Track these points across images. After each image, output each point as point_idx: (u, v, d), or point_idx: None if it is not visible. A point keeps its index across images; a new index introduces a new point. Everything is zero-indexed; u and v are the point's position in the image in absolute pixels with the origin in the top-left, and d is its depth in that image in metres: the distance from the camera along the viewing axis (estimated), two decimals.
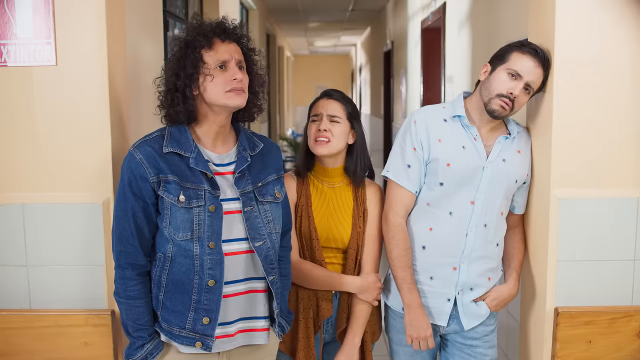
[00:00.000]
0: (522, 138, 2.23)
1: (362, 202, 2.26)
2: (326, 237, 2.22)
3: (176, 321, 1.83)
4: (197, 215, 1.80)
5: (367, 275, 2.22)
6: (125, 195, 1.80)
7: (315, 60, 20.73)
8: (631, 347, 2.15)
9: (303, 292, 2.21)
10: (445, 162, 2.13)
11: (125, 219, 1.80)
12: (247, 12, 8.01)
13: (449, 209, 2.15)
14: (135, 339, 1.84)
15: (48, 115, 2.08)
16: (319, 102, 2.26)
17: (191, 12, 4.69)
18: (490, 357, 2.26)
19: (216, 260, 1.81)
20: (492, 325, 2.27)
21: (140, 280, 1.84)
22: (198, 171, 1.83)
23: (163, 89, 1.86)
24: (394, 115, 7.81)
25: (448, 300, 2.19)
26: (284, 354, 2.23)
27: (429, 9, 5.27)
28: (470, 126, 2.15)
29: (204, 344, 1.82)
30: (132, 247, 1.82)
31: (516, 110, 2.11)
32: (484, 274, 2.20)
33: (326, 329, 2.26)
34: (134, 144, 1.85)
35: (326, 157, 2.24)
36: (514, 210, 2.28)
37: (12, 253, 2.10)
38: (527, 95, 2.10)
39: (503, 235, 2.25)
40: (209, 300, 1.81)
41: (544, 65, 2.07)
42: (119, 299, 1.84)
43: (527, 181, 2.24)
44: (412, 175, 2.17)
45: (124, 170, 1.82)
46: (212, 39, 1.81)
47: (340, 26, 11.96)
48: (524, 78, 2.06)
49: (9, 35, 2.05)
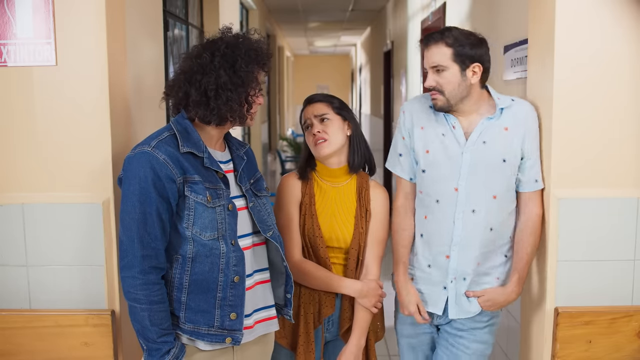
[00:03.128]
0: (514, 113, 2.16)
1: (365, 202, 2.26)
2: (329, 236, 2.23)
3: (203, 320, 1.83)
4: (219, 214, 1.83)
5: (369, 281, 2.22)
6: (148, 196, 1.75)
7: (315, 60, 20.73)
8: (631, 347, 2.15)
9: (305, 288, 2.23)
10: (425, 149, 2.20)
11: (150, 221, 1.75)
12: (247, 12, 8.01)
13: (436, 196, 2.19)
14: (160, 344, 1.78)
15: (48, 115, 2.08)
16: (304, 111, 2.29)
17: (191, 12, 4.69)
18: (474, 350, 2.22)
19: (239, 256, 1.86)
20: (483, 323, 2.23)
21: (162, 284, 1.80)
22: (212, 171, 1.86)
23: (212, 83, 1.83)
24: (394, 115, 7.81)
25: (444, 289, 2.20)
26: (285, 348, 2.24)
27: (429, 9, 5.27)
28: (448, 115, 2.19)
29: (233, 339, 1.86)
30: (156, 250, 1.77)
31: (451, 90, 2.11)
32: (475, 260, 2.16)
33: (328, 328, 2.26)
34: (147, 144, 1.79)
35: (330, 157, 2.24)
36: (518, 188, 2.18)
37: (12, 253, 2.10)
38: (443, 72, 2.11)
39: (501, 219, 2.17)
40: (234, 296, 1.85)
41: (443, 41, 2.10)
42: (140, 306, 1.75)
43: (527, 156, 2.14)
44: (404, 163, 2.29)
45: (142, 171, 1.75)
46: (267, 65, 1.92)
47: (340, 26, 11.97)
48: (430, 66, 2.14)
49: (9, 35, 2.05)
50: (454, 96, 2.12)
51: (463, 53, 2.09)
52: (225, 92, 1.81)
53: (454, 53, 2.09)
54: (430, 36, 2.14)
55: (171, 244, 1.83)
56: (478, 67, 2.11)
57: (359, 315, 2.21)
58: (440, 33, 2.12)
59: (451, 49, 2.09)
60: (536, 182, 2.16)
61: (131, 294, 1.76)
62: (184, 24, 4.54)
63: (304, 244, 2.23)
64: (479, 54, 2.11)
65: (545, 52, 2.16)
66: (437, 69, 2.12)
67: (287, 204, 2.23)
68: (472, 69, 2.11)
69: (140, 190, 1.75)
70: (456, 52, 2.09)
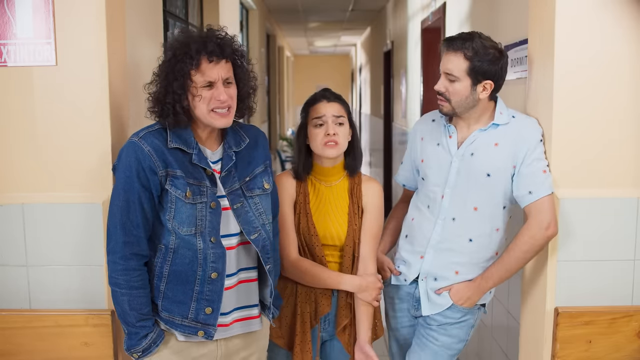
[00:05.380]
0: (508, 131, 2.16)
1: (357, 199, 2.26)
2: (323, 234, 2.23)
3: (178, 311, 1.87)
4: (200, 211, 1.84)
5: (367, 276, 2.22)
6: (132, 185, 1.79)
7: (315, 60, 20.71)
8: (631, 347, 2.15)
9: (302, 287, 2.23)
10: (421, 158, 2.32)
11: (132, 209, 1.80)
12: (247, 12, 8.00)
13: (427, 202, 2.28)
14: (138, 329, 1.84)
15: (48, 115, 2.08)
16: (319, 106, 2.22)
17: (191, 12, 4.69)
18: (442, 343, 2.26)
19: (219, 253, 1.86)
20: (454, 319, 2.25)
21: (144, 270, 1.85)
22: (199, 167, 1.86)
23: (153, 93, 1.86)
24: (394, 116, 7.80)
25: (420, 259, 2.28)
26: (282, 348, 2.25)
27: (429, 9, 5.27)
28: (448, 125, 2.24)
29: (206, 333, 1.87)
30: (137, 237, 1.82)
31: (457, 101, 2.13)
32: (450, 267, 2.23)
33: (324, 327, 2.26)
34: (136, 133, 1.84)
35: (331, 158, 2.24)
36: (521, 205, 2.16)
37: (12, 253, 2.10)
38: (454, 82, 2.12)
39: (481, 232, 2.18)
40: (211, 292, 1.86)
41: (463, 52, 2.09)
42: (120, 290, 1.82)
43: (516, 174, 2.12)
44: (402, 170, 2.48)
45: (129, 160, 1.80)
46: (199, 60, 1.80)
47: (340, 26, 11.96)
48: (443, 71, 2.16)
49: (9, 35, 2.05)
50: (460, 106, 2.15)
51: (479, 69, 2.09)
52: (152, 85, 1.84)
53: (469, 67, 2.10)
54: (452, 41, 2.13)
55: (155, 233, 1.87)
56: (490, 84, 2.13)
57: (361, 310, 2.22)
58: (463, 41, 2.11)
59: (468, 62, 2.10)
60: (530, 193, 2.10)
61: (113, 278, 1.83)
62: (184, 24, 4.54)
63: (299, 242, 2.23)
64: (494, 71, 2.11)
65: (545, 53, 2.16)
66: (449, 77, 2.13)
67: (281, 203, 2.22)
68: (484, 85, 2.12)
69: (125, 179, 1.80)
70: (473, 66, 2.10)
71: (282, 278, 2.24)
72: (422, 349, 2.28)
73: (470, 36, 2.12)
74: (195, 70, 1.80)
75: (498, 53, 2.12)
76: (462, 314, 2.26)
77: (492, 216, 2.20)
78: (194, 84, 1.81)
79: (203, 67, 1.80)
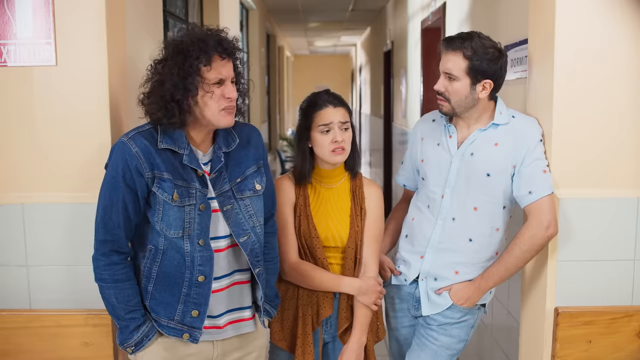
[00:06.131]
0: (508, 130, 2.16)
1: (360, 201, 2.26)
2: (325, 236, 2.23)
3: (164, 312, 1.87)
4: (188, 214, 1.83)
5: (368, 278, 2.21)
6: (117, 185, 1.79)
7: (315, 60, 20.72)
8: (631, 347, 2.15)
9: (303, 290, 2.22)
10: (421, 158, 2.33)
11: (115, 209, 1.80)
12: (247, 12, 8.00)
13: (427, 202, 2.28)
14: (128, 321, 1.85)
15: (48, 115, 2.08)
16: (326, 112, 2.17)
17: (191, 12, 4.69)
18: (442, 343, 2.26)
19: (206, 257, 1.85)
20: (454, 319, 2.25)
21: (127, 264, 1.86)
22: (190, 168, 1.85)
23: (151, 93, 1.82)
24: (394, 116, 7.80)
25: (420, 258, 2.28)
26: (284, 351, 2.24)
27: (429, 9, 5.27)
28: (448, 124, 2.25)
29: (191, 336, 1.87)
30: (118, 236, 1.83)
31: (457, 100, 2.13)
32: (450, 267, 2.23)
33: (326, 329, 2.26)
34: (126, 133, 1.83)
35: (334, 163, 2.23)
36: (521, 205, 2.15)
37: (12, 253, 2.11)
38: (454, 81, 2.12)
39: (480, 232, 2.19)
40: (198, 295, 1.86)
41: (462, 51, 2.09)
42: (106, 284, 1.83)
43: (516, 174, 2.12)
44: (402, 170, 2.48)
45: (116, 160, 1.80)
46: (212, 56, 1.79)
47: (340, 26, 11.96)
48: (443, 71, 2.16)
49: (9, 35, 2.05)
50: (459, 105, 2.15)
51: (478, 68, 2.10)
52: (165, 101, 1.80)
53: (469, 66, 2.10)
54: (451, 41, 2.14)
55: (144, 234, 1.87)
56: (489, 83, 2.13)
57: (359, 313, 2.21)
58: (462, 41, 2.11)
59: (467, 61, 2.10)
60: (530, 193, 2.10)
61: (97, 274, 1.85)
62: (184, 24, 4.54)
63: (300, 245, 2.22)
64: (493, 70, 2.11)
65: (546, 53, 2.16)
66: (449, 76, 2.14)
67: (281, 206, 2.22)
68: (483, 84, 2.12)
69: (111, 178, 1.81)
70: (472, 65, 2.10)
71: (283, 281, 2.24)
72: (422, 349, 2.28)
73: (469, 36, 2.13)
74: (208, 66, 1.78)
75: (497, 52, 2.13)
76: (462, 314, 2.26)
77: (492, 216, 2.20)
78: (206, 81, 1.79)
79: (215, 64, 1.80)
